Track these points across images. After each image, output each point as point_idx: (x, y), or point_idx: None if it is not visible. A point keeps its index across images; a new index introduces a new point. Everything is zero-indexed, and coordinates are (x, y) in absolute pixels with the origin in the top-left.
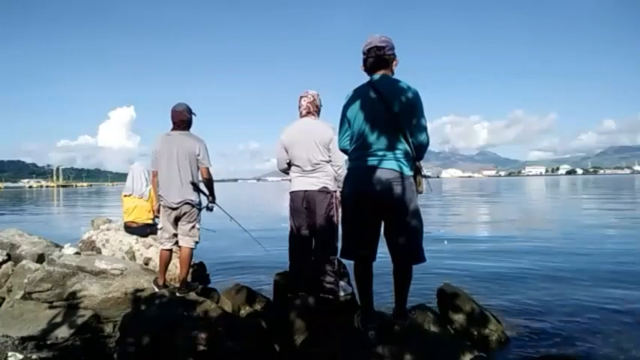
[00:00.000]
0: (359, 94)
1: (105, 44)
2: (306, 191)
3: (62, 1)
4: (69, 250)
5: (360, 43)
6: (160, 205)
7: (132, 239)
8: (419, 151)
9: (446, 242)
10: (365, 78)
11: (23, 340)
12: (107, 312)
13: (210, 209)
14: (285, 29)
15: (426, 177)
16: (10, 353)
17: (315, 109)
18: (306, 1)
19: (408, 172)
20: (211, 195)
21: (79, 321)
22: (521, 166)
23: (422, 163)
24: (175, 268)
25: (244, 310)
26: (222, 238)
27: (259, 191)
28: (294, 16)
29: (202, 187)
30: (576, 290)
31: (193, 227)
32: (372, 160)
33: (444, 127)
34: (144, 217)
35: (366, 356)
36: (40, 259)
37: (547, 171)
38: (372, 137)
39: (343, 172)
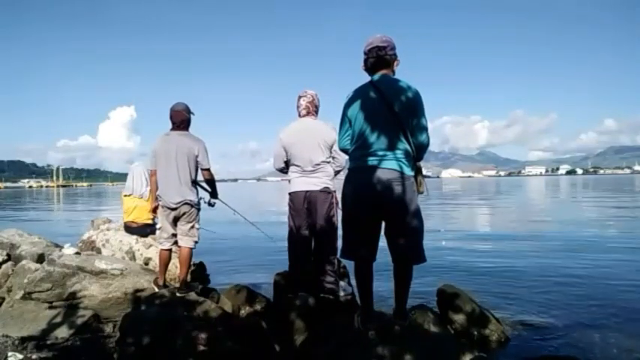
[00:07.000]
0: (360, 93)
1: (105, 44)
2: (307, 191)
3: (62, 0)
4: (69, 250)
5: (360, 43)
6: (158, 204)
7: (132, 239)
8: (419, 151)
9: (444, 243)
10: (365, 78)
11: (23, 340)
12: (107, 312)
13: (212, 205)
14: (285, 29)
15: (423, 177)
16: (10, 353)
17: (314, 109)
18: (306, 1)
19: (408, 172)
20: (213, 191)
21: (79, 321)
22: (521, 166)
23: (422, 163)
24: (175, 268)
25: (244, 310)
26: (222, 238)
27: (260, 191)
28: (294, 16)
29: (204, 184)
30: (576, 290)
31: (193, 227)
32: (372, 160)
33: (444, 127)
34: (144, 217)
35: (366, 356)
36: (40, 259)
37: (547, 171)
38: (372, 137)
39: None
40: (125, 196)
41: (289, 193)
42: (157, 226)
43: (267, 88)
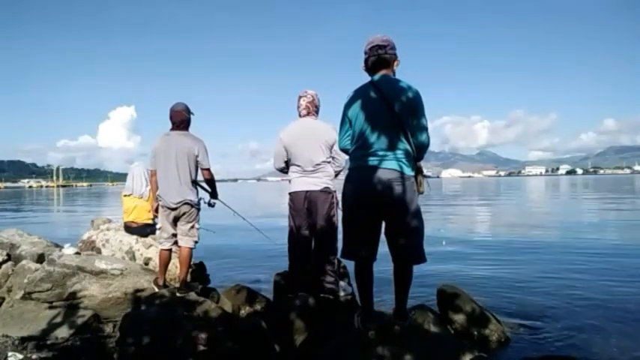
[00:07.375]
0: (360, 93)
1: (105, 44)
2: (307, 191)
3: (62, 0)
4: (69, 250)
5: (360, 43)
6: (158, 204)
7: (132, 239)
8: (419, 151)
9: (444, 243)
10: (365, 78)
11: (23, 340)
12: (107, 312)
13: (212, 205)
14: (285, 29)
15: (425, 177)
16: (10, 353)
17: (314, 109)
18: (306, 1)
19: (409, 172)
20: (213, 191)
21: (79, 321)
22: (522, 166)
23: (422, 163)
24: (175, 268)
25: (244, 310)
26: (222, 238)
27: (260, 191)
28: (294, 16)
29: (204, 184)
30: (576, 290)
31: (193, 227)
32: (372, 160)
33: (444, 127)
34: (144, 217)
35: (366, 356)
36: (40, 259)
37: (547, 171)
38: (373, 137)
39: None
40: (125, 196)
41: (289, 193)
42: (157, 226)
43: (267, 88)
